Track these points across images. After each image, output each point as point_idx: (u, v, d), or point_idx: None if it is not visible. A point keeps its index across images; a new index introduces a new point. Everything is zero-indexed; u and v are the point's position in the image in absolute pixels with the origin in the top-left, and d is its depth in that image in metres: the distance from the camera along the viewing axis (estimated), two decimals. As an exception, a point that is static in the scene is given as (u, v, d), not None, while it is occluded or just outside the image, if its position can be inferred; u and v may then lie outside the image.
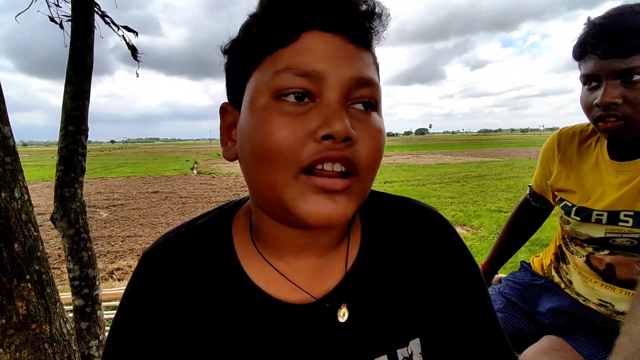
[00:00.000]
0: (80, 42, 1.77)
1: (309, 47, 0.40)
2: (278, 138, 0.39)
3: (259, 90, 0.42)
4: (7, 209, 1.12)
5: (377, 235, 0.53)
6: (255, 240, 0.50)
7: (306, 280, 0.49)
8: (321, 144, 0.39)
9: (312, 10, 0.41)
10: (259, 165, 0.41)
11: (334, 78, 0.40)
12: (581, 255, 1.02)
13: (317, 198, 0.40)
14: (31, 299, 1.18)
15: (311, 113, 0.40)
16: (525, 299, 1.17)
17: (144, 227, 7.40)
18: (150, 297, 0.48)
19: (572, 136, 1.05)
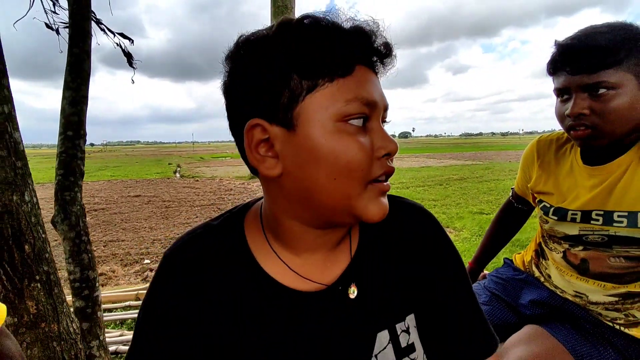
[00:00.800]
0: (78, 49, 1.80)
1: (363, 80, 0.49)
2: (359, 158, 0.48)
3: (327, 114, 0.48)
4: (18, 211, 1.16)
5: (373, 229, 0.62)
6: (269, 240, 0.57)
7: (318, 271, 0.57)
8: (381, 161, 0.51)
9: (362, 48, 0.50)
10: (334, 181, 0.48)
11: (381, 105, 0.51)
12: (558, 251, 1.10)
13: (380, 200, 0.51)
14: (40, 299, 1.21)
15: (369, 134, 0.50)
16: (508, 292, 1.25)
17: (127, 231, 7.19)
18: (173, 295, 0.53)
19: (550, 143, 1.14)
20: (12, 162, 1.16)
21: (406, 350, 0.57)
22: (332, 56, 0.48)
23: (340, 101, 0.48)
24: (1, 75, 1.16)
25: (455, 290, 0.62)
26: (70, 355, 1.28)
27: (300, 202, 0.52)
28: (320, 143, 0.48)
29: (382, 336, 0.56)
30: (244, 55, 0.50)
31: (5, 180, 1.15)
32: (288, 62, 0.48)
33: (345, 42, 0.48)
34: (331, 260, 0.58)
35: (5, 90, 1.16)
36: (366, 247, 0.60)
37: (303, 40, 0.48)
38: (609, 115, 0.88)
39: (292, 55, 0.48)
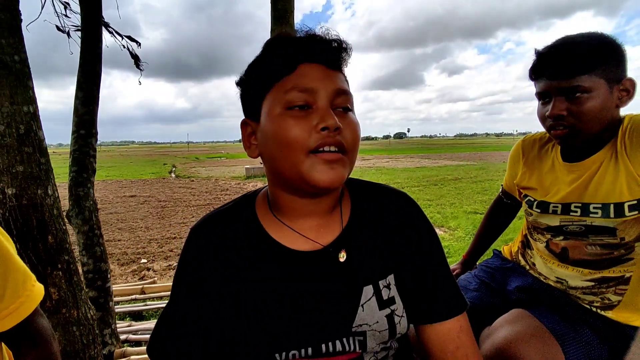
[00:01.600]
0: (90, 52, 1.88)
1: (304, 73, 0.61)
2: (295, 133, 0.59)
3: (275, 105, 0.62)
4: (42, 204, 1.24)
5: (363, 205, 0.73)
6: (273, 211, 0.70)
7: (313, 235, 0.69)
8: (320, 134, 0.59)
9: (304, 49, 0.62)
10: (282, 152, 0.60)
11: (324, 90, 0.61)
12: (542, 241, 1.19)
13: (323, 167, 0.59)
14: (62, 286, 1.30)
15: (310, 116, 0.60)
16: (495, 280, 1.34)
17: (123, 231, 7.12)
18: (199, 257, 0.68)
19: (534, 143, 1.24)
20: (37, 159, 1.25)
21: (387, 302, 0.67)
22: (278, 61, 0.63)
23: (281, 92, 0.62)
24: (27, 78, 1.24)
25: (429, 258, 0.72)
26: (88, 340, 1.36)
27: (274, 173, 0.66)
28: (270, 126, 0.62)
29: (367, 290, 0.67)
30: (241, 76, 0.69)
31: (31, 175, 1.23)
32: (255, 74, 0.66)
33: (289, 48, 0.63)
34: (324, 226, 0.69)
35: (30, 92, 1.25)
36: (356, 218, 0.71)
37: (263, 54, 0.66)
38: (584, 116, 0.98)
39: (256, 68, 0.66)
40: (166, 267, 4.88)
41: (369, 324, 0.66)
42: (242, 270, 0.66)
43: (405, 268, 0.71)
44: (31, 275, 0.75)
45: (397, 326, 0.67)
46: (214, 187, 13.40)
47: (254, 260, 0.67)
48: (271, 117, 0.62)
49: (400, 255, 0.71)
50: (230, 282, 0.66)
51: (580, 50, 0.97)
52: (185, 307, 0.67)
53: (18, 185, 1.21)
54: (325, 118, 0.59)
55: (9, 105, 1.19)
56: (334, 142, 0.60)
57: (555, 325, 1.07)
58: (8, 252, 0.71)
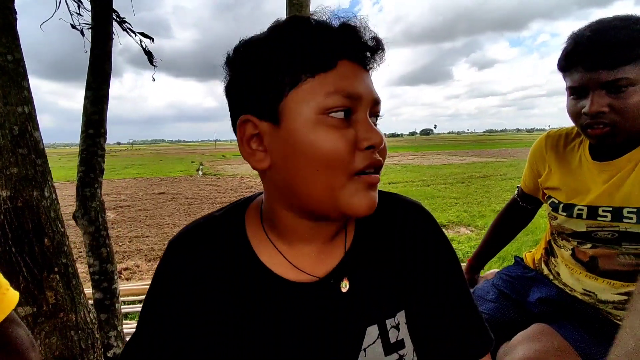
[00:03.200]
0: (100, 50, 1.87)
1: (346, 74, 0.50)
2: (337, 149, 0.49)
3: (309, 108, 0.49)
4: (38, 206, 1.22)
5: (369, 224, 0.62)
6: (267, 231, 0.59)
7: (312, 262, 0.58)
8: (365, 153, 0.50)
9: (345, 43, 0.51)
10: (317, 172, 0.49)
11: (367, 98, 0.51)
12: (567, 248, 1.08)
13: (364, 193, 0.51)
14: (59, 290, 1.28)
15: (354, 127, 0.50)
16: (516, 290, 1.23)
17: (151, 227, 7.40)
18: (175, 278, 0.57)
19: (559, 138, 1.12)
20: (32, 160, 1.22)
21: (395, 346, 0.57)
22: (313, 52, 0.50)
23: (320, 94, 0.49)
24: (21, 78, 1.22)
25: (448, 289, 0.61)
26: (87, 345, 1.34)
27: (289, 194, 0.54)
28: (302, 135, 0.49)
29: (372, 330, 0.57)
30: (239, 57, 0.54)
31: (26, 176, 1.21)
32: (273, 60, 0.51)
33: (327, 38, 0.51)
34: (325, 253, 0.59)
35: (26, 92, 1.23)
36: (361, 242, 0.61)
37: (287, 40, 0.51)
38: (629, 113, 0.86)
39: (277, 53, 0.51)
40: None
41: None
42: (226, 298, 0.56)
43: (419, 301, 0.61)
44: (3, 282, 0.72)
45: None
46: (239, 185, 13.60)
47: (240, 287, 0.56)
48: (303, 123, 0.49)
49: (413, 285, 0.61)
50: (211, 310, 0.56)
51: (623, 36, 0.84)
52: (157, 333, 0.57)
53: (12, 187, 1.19)
54: (371, 134, 0.50)
55: (2, 106, 1.17)
56: (380, 163, 0.52)
57: (581, 343, 0.97)
58: None
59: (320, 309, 0.56)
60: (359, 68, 0.52)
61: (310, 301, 0.56)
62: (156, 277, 0.59)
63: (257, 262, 0.57)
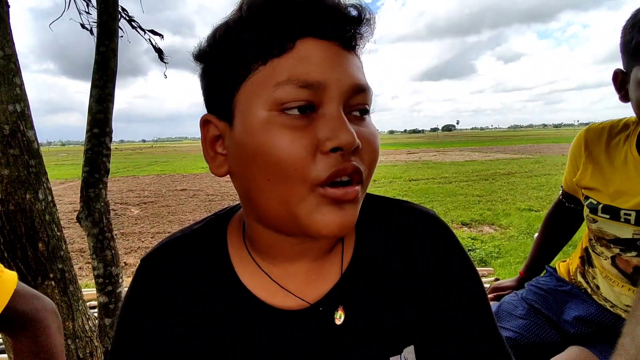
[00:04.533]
0: (105, 47, 1.83)
1: (306, 56, 0.39)
2: (289, 154, 0.38)
3: (259, 103, 0.40)
4: (31, 210, 1.17)
5: (372, 238, 0.52)
6: (249, 248, 0.50)
7: (301, 285, 0.49)
8: (331, 157, 0.39)
9: (306, 17, 0.40)
10: (269, 182, 0.40)
11: (335, 87, 0.40)
12: (606, 256, 0.97)
13: (330, 209, 0.40)
14: (55, 297, 1.22)
15: (316, 125, 0.39)
16: (550, 306, 1.11)
17: (173, 223, 7.53)
18: (147, 301, 0.49)
19: (601, 132, 1.00)
20: (25, 161, 1.17)
21: None
22: (264, 34, 0.40)
23: (268, 84, 0.39)
24: (13, 74, 1.17)
25: (469, 319, 0.50)
26: (85, 353, 1.28)
27: (249, 206, 0.46)
28: (251, 138, 0.40)
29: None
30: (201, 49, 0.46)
31: (18, 178, 1.16)
32: (223, 49, 0.43)
33: (281, 13, 0.40)
34: (317, 273, 0.49)
35: (18, 89, 1.17)
36: (361, 259, 0.50)
37: (235, 24, 0.42)
38: None
39: (227, 40, 0.42)
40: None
41: None
42: (202, 324, 0.48)
43: (434, 335, 0.50)
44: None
45: None
46: (258, 182, 13.67)
47: (218, 312, 0.48)
48: (251, 123, 0.40)
49: (424, 315, 0.50)
50: (185, 336, 0.48)
51: None
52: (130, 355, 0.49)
53: (3, 190, 1.14)
54: (337, 131, 0.38)
55: (-8, 104, 1.12)
56: (353, 170, 0.40)
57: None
58: None
59: (310, 343, 0.47)
60: (331, 47, 0.41)
61: (300, 331, 0.47)
62: (127, 299, 0.51)
63: (238, 284, 0.48)
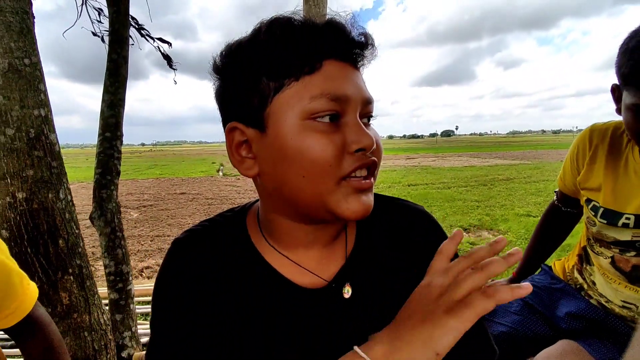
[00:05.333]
0: (117, 55, 1.90)
1: (332, 75, 0.49)
2: (324, 154, 0.47)
3: (293, 113, 0.48)
4: (53, 208, 1.24)
5: (370, 229, 0.61)
6: (266, 237, 0.58)
7: (314, 267, 0.57)
8: (355, 156, 0.49)
9: (330, 42, 0.49)
10: (304, 178, 0.49)
11: (355, 99, 0.49)
12: (606, 256, 1.01)
13: (355, 197, 0.49)
14: (73, 291, 1.29)
15: (343, 130, 0.49)
16: (543, 302, 1.17)
17: (172, 227, 7.49)
18: (179, 277, 0.56)
19: (605, 132, 1.02)
20: (47, 162, 1.24)
21: None
22: (296, 55, 0.48)
23: (305, 99, 0.48)
24: (38, 81, 1.24)
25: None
26: (100, 345, 1.35)
27: (280, 200, 0.53)
28: (288, 142, 0.48)
29: None
30: (223, 63, 0.53)
31: (42, 179, 1.23)
32: (255, 65, 0.50)
33: (310, 38, 0.49)
34: (326, 257, 0.58)
35: (42, 95, 1.24)
36: (363, 246, 0.60)
37: (268, 42, 0.49)
38: None
39: (259, 58, 0.50)
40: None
41: None
42: (234, 297, 0.55)
43: None
44: (24, 274, 0.79)
45: None
46: (257, 186, 13.64)
47: (248, 287, 0.56)
48: (287, 129, 0.48)
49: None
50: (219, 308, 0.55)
51: None
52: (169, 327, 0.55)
53: (28, 189, 1.21)
54: (361, 136, 0.48)
55: (19, 109, 1.19)
56: (370, 164, 0.50)
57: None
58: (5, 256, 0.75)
59: (324, 314, 0.56)
60: (347, 67, 0.50)
61: (314, 305, 0.56)
62: (160, 277, 0.58)
63: (264, 263, 0.56)
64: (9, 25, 1.15)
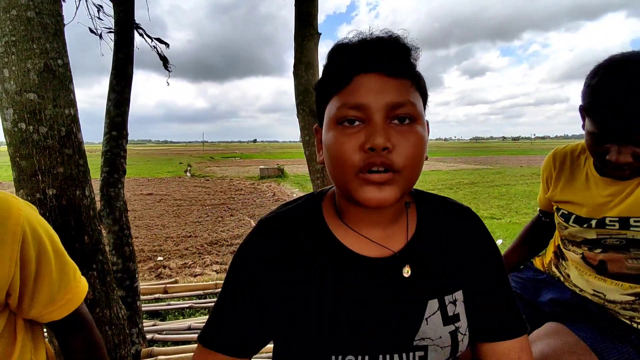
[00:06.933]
0: (123, 54, 1.92)
1: (357, 87, 0.59)
2: (342, 150, 0.58)
3: (329, 119, 0.62)
4: (80, 205, 1.27)
5: (429, 217, 0.72)
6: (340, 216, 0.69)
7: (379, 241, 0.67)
8: (367, 153, 0.57)
9: (359, 59, 0.60)
10: (334, 167, 0.61)
11: (375, 105, 0.58)
12: (577, 253, 1.15)
13: (370, 188, 0.58)
14: (96, 286, 1.32)
15: (361, 132, 0.58)
16: (528, 291, 1.31)
17: (140, 228, 7.26)
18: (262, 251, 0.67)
19: (565, 155, 1.19)
20: (76, 160, 1.27)
21: (452, 319, 0.66)
22: (334, 74, 0.62)
23: (334, 109, 0.61)
24: (69, 81, 1.27)
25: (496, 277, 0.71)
26: (119, 340, 1.38)
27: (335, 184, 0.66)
28: (326, 139, 0.63)
29: (432, 303, 0.65)
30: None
31: (70, 176, 1.26)
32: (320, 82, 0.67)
33: (343, 59, 0.62)
34: (389, 236, 0.68)
35: (72, 95, 1.27)
36: (422, 231, 0.70)
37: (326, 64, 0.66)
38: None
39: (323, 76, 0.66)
40: (182, 265, 4.94)
41: (432, 338, 0.64)
42: (307, 270, 0.65)
43: (473, 286, 0.70)
44: (77, 267, 0.81)
45: (459, 344, 0.66)
46: (228, 187, 13.50)
47: (319, 261, 0.66)
48: (326, 130, 0.63)
49: (467, 272, 0.70)
50: (293, 279, 0.65)
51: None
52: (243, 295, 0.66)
53: (58, 186, 1.23)
54: (373, 137, 0.56)
55: (52, 108, 1.22)
56: (380, 163, 0.57)
57: (594, 341, 1.03)
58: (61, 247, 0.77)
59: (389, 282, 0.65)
60: (376, 78, 0.59)
61: (380, 274, 0.65)
62: (247, 246, 0.68)
63: (334, 239, 0.67)
64: (45, 26, 1.18)
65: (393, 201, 0.59)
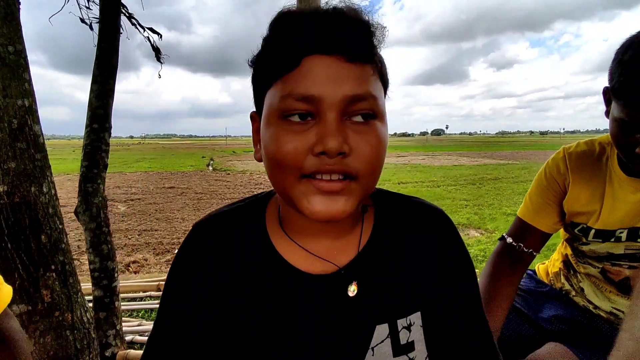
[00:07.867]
0: (107, 44, 1.85)
1: (308, 72, 0.46)
2: (285, 152, 0.46)
3: (271, 110, 0.49)
4: (35, 202, 1.20)
5: (388, 225, 0.60)
6: (282, 224, 0.58)
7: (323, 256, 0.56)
8: (318, 158, 0.46)
9: (312, 36, 0.46)
10: (272, 169, 0.50)
11: (330, 99, 0.46)
12: (595, 266, 1.01)
13: (317, 198, 0.47)
14: (55, 288, 1.25)
15: (311, 130, 0.46)
16: (529, 305, 1.17)
17: (160, 221, 7.43)
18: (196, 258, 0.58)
19: (582, 155, 0.99)
20: (31, 155, 1.20)
21: (405, 348, 0.55)
22: (278, 53, 0.48)
23: (277, 98, 0.48)
24: (22, 69, 1.19)
25: (465, 300, 0.60)
26: (83, 345, 1.31)
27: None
28: (264, 135, 0.50)
29: (381, 329, 0.55)
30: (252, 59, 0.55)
31: (24, 171, 1.19)
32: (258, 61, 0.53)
33: (291, 34, 0.47)
34: (338, 248, 0.57)
35: (27, 84, 1.20)
36: (377, 241, 0.59)
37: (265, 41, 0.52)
38: None
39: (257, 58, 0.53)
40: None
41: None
42: (241, 285, 0.56)
43: (437, 306, 0.59)
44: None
45: None
46: (248, 181, 13.62)
47: (256, 275, 0.56)
48: (266, 123, 0.50)
49: (430, 289, 0.59)
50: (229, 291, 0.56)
51: None
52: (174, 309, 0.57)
53: (10, 182, 1.16)
54: (326, 139, 0.45)
55: (1, 99, 1.14)
56: (332, 171, 0.46)
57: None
58: None
59: (331, 303, 0.55)
60: (333, 62, 0.46)
61: (319, 296, 0.55)
62: (177, 257, 0.59)
63: (274, 251, 0.57)
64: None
65: (345, 214, 0.48)
